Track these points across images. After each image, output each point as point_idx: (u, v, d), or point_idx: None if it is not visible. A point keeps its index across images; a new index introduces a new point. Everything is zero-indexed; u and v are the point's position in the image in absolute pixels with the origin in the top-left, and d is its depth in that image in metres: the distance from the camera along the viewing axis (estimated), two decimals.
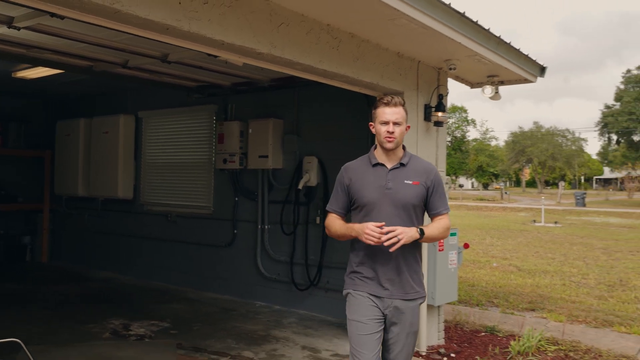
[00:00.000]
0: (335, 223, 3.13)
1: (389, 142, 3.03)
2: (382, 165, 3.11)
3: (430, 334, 5.44)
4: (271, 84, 6.68)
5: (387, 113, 3.03)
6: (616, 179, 75.96)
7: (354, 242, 3.11)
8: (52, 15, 3.35)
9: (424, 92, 5.40)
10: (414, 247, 3.05)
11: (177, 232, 8.14)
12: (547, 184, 78.24)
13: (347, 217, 3.19)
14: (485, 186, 78.68)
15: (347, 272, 3.17)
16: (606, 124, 40.83)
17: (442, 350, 5.38)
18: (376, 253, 2.99)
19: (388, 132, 3.01)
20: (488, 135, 64.55)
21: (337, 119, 6.44)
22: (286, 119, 6.91)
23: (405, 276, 3.03)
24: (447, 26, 4.25)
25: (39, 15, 4.05)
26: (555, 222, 22.92)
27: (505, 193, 54.71)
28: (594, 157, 74.50)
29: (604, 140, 44.62)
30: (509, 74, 5.64)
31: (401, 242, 2.85)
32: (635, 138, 41.22)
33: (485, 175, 69.31)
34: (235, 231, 7.44)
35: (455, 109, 64.83)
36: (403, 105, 3.07)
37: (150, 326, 5.93)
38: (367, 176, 3.10)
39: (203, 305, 6.99)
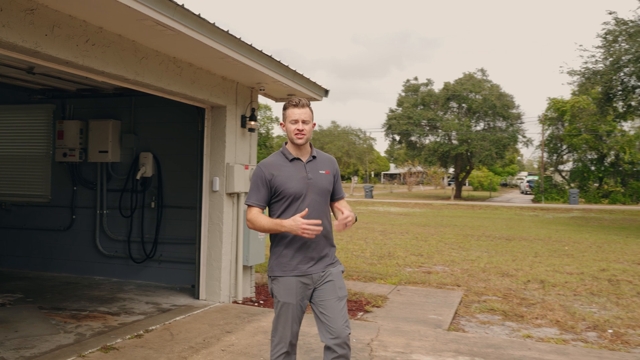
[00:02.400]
0: (260, 218, 3.31)
1: (299, 138, 3.34)
2: (298, 159, 3.41)
3: (245, 288, 7.22)
4: (114, 91, 7.89)
5: (296, 113, 3.33)
6: (400, 174, 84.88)
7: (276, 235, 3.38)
8: None
9: (240, 106, 7.15)
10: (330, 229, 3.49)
11: (12, 219, 8.87)
12: (342, 178, 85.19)
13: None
14: None
15: (273, 257, 3.42)
16: (390, 126, 46.25)
17: (254, 299, 7.20)
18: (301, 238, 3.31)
19: (298, 129, 3.32)
20: None
21: (170, 122, 7.89)
22: (125, 120, 8.17)
23: (327, 250, 3.44)
24: (259, 63, 6.02)
25: None
26: None
27: None
28: (383, 154, 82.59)
29: (390, 140, 50.28)
30: (302, 94, 7.63)
31: (351, 222, 3.28)
32: (413, 139, 47.41)
33: None
34: (73, 216, 8.49)
35: (259, 107, 67.51)
36: (309, 106, 3.39)
37: (4, 298, 6.85)
38: (288, 170, 3.37)
39: (45, 281, 7.96)
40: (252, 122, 7.24)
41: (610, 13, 18.09)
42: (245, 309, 6.54)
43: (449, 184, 65.99)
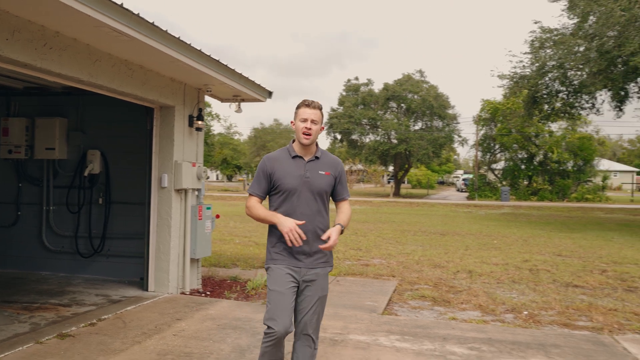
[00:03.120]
0: (258, 207, 3.51)
1: (306, 138, 3.49)
2: (301, 157, 3.55)
3: (192, 280, 7.56)
4: (62, 90, 8.04)
5: (307, 113, 3.48)
6: None
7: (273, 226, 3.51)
8: None
9: (188, 106, 7.48)
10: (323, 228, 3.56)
11: None
12: None
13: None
14: (230, 178, 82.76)
15: (268, 249, 3.60)
16: (332, 125, 47.03)
17: (200, 290, 7.56)
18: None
19: (306, 127, 3.46)
20: (232, 130, 68.34)
21: (118, 121, 8.12)
22: (72, 118, 8.33)
23: (315, 249, 3.51)
24: (207, 67, 6.39)
25: None
26: None
27: (248, 184, 59.06)
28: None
29: (331, 139, 51.10)
30: (247, 96, 8.02)
31: (334, 244, 3.42)
32: (354, 137, 48.36)
33: (230, 167, 73.14)
34: (19, 213, 8.57)
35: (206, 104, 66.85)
36: (321, 109, 3.52)
37: None
38: (288, 166, 3.52)
39: None
40: (200, 122, 7.58)
41: (535, 22, 19.32)
42: (193, 299, 6.90)
43: (389, 182, 67.46)
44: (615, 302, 7.53)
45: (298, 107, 3.55)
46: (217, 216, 8.17)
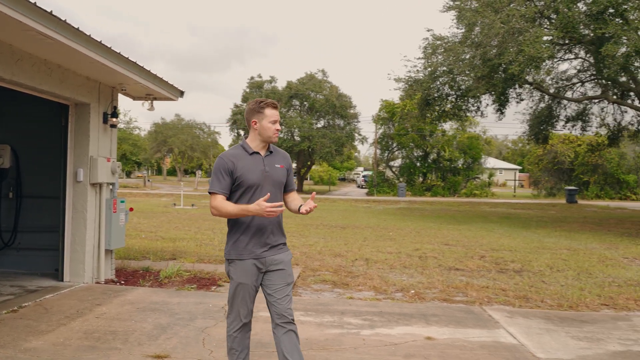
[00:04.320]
0: (226, 205, 3.56)
1: (276, 137, 3.73)
2: (258, 153, 3.72)
3: (106, 270, 7.89)
4: None
5: (275, 114, 3.69)
6: None
7: (236, 219, 3.65)
8: None
9: (103, 104, 7.79)
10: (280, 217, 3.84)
11: None
12: (186, 172, 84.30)
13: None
14: (128, 174, 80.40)
15: (230, 242, 3.70)
16: (235, 121, 47.25)
17: (115, 280, 7.91)
18: (263, 219, 3.64)
19: (277, 129, 3.69)
20: (132, 125, 66.50)
21: (31, 116, 8.25)
22: None
23: (279, 237, 3.81)
24: (125, 68, 6.79)
25: None
26: (192, 205, 26.71)
27: (148, 181, 57.86)
28: (227, 149, 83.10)
29: (234, 135, 51.27)
30: (160, 95, 8.43)
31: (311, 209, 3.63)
32: None
33: (129, 163, 71.07)
34: None
35: None
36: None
37: None
38: (248, 162, 3.66)
39: None
40: (114, 119, 7.92)
41: (428, 30, 20.87)
42: (109, 288, 7.27)
43: None
44: (488, 281, 8.72)
45: (262, 108, 3.67)
46: (131, 209, 8.54)
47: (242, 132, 49.31)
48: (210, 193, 3.62)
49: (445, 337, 5.47)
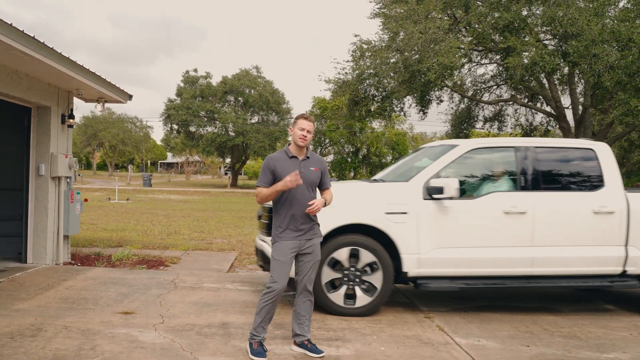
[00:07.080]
0: (263, 190, 4.50)
1: (303, 141, 4.51)
2: (295, 157, 4.56)
3: (64, 254, 8.91)
4: None
5: (305, 124, 4.51)
6: (177, 163, 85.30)
7: (278, 208, 4.57)
8: None
9: (61, 106, 8.80)
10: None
11: None
12: (117, 167, 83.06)
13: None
14: None
15: (274, 227, 4.58)
16: (169, 116, 47.47)
17: (72, 262, 8.95)
18: (295, 210, 4.50)
19: (303, 135, 4.47)
20: None
21: None
22: None
23: (311, 224, 4.60)
24: (84, 77, 7.86)
25: None
26: (127, 199, 27.15)
27: (79, 175, 56.99)
28: (159, 143, 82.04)
29: (167, 129, 51.33)
30: (111, 98, 9.48)
31: (318, 209, 4.47)
32: (192, 129, 49.30)
33: None
34: None
35: None
36: (314, 122, 4.53)
37: None
38: (287, 164, 4.52)
39: None
40: (71, 120, 8.94)
41: (355, 35, 22.43)
42: (70, 268, 8.33)
43: (226, 174, 69.08)
44: None
45: (297, 119, 4.57)
46: (85, 200, 9.57)
47: (175, 127, 49.51)
48: (256, 186, 4.59)
49: None
